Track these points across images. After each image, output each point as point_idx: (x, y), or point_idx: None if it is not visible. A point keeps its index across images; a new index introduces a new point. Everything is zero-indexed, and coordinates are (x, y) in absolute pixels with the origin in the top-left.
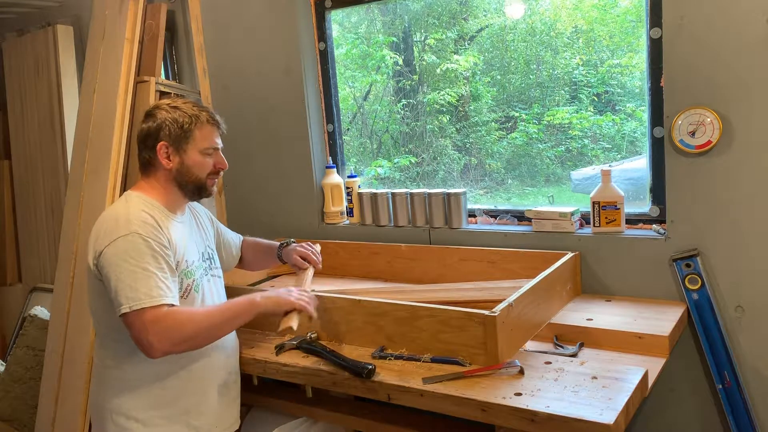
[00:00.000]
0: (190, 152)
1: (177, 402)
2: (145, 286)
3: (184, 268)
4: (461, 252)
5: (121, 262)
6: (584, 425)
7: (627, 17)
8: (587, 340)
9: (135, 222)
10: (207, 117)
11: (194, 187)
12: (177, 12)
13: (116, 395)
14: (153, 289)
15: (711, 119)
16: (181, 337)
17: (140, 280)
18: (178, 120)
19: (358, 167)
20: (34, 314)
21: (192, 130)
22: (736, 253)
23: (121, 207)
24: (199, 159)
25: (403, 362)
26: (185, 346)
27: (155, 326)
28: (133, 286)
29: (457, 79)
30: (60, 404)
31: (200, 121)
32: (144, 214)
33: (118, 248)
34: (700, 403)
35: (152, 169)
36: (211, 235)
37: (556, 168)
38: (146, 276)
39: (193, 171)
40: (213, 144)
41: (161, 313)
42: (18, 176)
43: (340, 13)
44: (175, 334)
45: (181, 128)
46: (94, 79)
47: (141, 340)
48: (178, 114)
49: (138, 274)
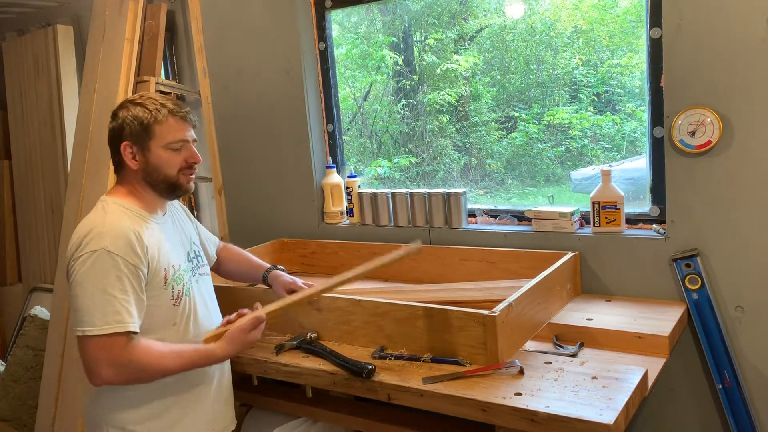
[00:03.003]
0: (154, 149)
1: (174, 409)
2: (101, 312)
3: (173, 275)
4: (461, 252)
5: (83, 281)
6: (584, 425)
7: (627, 17)
8: (587, 340)
9: (108, 236)
10: (170, 109)
11: (166, 185)
12: (177, 12)
13: (113, 408)
14: (109, 315)
15: (711, 119)
16: (128, 372)
17: (97, 305)
18: (138, 116)
19: (358, 167)
20: (34, 314)
21: (151, 126)
22: (736, 253)
23: (97, 217)
24: (165, 155)
25: (403, 362)
26: (129, 381)
27: (104, 355)
28: (90, 310)
29: (457, 79)
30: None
31: (161, 114)
32: (122, 225)
33: (85, 265)
34: (700, 403)
35: (123, 171)
36: (193, 230)
37: (556, 168)
38: (104, 300)
39: (160, 169)
40: (179, 137)
41: (114, 343)
42: (18, 176)
43: (340, 13)
44: (121, 369)
45: (141, 125)
46: (94, 79)
47: (88, 365)
48: (139, 110)
49: (96, 297)
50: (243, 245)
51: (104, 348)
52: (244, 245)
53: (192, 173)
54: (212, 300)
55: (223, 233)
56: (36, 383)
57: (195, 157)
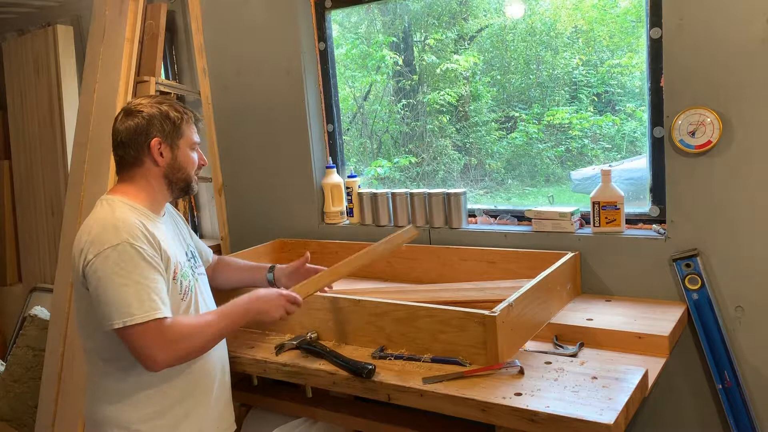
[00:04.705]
0: (182, 148)
1: (177, 407)
2: (137, 300)
3: (180, 270)
4: (461, 252)
5: (111, 275)
6: (584, 425)
7: (627, 17)
8: (587, 340)
9: (124, 230)
10: (193, 113)
11: (184, 184)
12: (177, 12)
13: (114, 407)
14: (146, 301)
15: (711, 119)
16: (181, 348)
17: (132, 294)
18: (168, 115)
19: (358, 167)
20: (34, 314)
21: (182, 126)
22: (736, 253)
23: (106, 213)
24: (190, 155)
25: (403, 362)
26: (187, 357)
27: (152, 340)
28: (126, 301)
29: (457, 79)
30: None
31: (187, 116)
32: (132, 219)
33: (108, 259)
34: (700, 403)
35: (138, 169)
36: (187, 232)
37: (556, 168)
38: (138, 288)
39: (184, 167)
40: (197, 140)
41: (160, 326)
42: (18, 176)
43: (340, 13)
44: (174, 347)
45: (173, 124)
46: (94, 79)
47: (141, 355)
48: (165, 109)
49: (130, 287)
50: (243, 245)
51: (149, 333)
52: (244, 245)
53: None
54: (210, 300)
55: (223, 233)
56: (36, 383)
57: (204, 160)
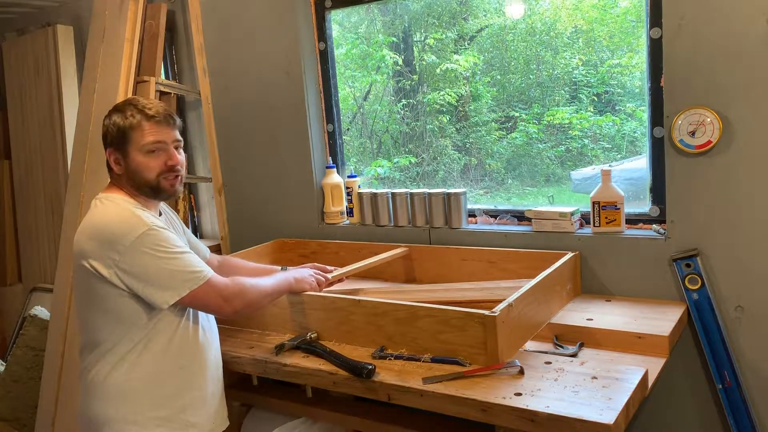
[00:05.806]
0: (132, 154)
1: (174, 400)
2: (192, 266)
3: None
4: (461, 252)
5: (158, 254)
6: (584, 425)
7: (627, 17)
8: (587, 340)
9: (142, 218)
10: (148, 113)
11: (149, 189)
12: (177, 12)
13: (112, 403)
14: (200, 263)
15: (711, 119)
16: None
17: (179, 266)
18: (116, 122)
19: (358, 167)
20: (34, 314)
21: (127, 131)
22: (736, 253)
23: (113, 208)
24: (143, 160)
25: (403, 362)
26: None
27: (214, 296)
28: (177, 273)
29: (457, 79)
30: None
31: (135, 119)
32: (139, 211)
33: (146, 244)
34: (700, 403)
35: (114, 174)
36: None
37: (556, 168)
38: (182, 259)
39: (140, 173)
40: (156, 139)
41: (213, 285)
42: (18, 176)
43: (340, 13)
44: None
45: (119, 131)
46: (94, 79)
47: (211, 308)
48: (117, 116)
49: (174, 261)
50: (243, 245)
51: (209, 292)
52: (243, 245)
53: (176, 176)
54: None
55: (223, 233)
56: (36, 383)
57: (173, 159)
